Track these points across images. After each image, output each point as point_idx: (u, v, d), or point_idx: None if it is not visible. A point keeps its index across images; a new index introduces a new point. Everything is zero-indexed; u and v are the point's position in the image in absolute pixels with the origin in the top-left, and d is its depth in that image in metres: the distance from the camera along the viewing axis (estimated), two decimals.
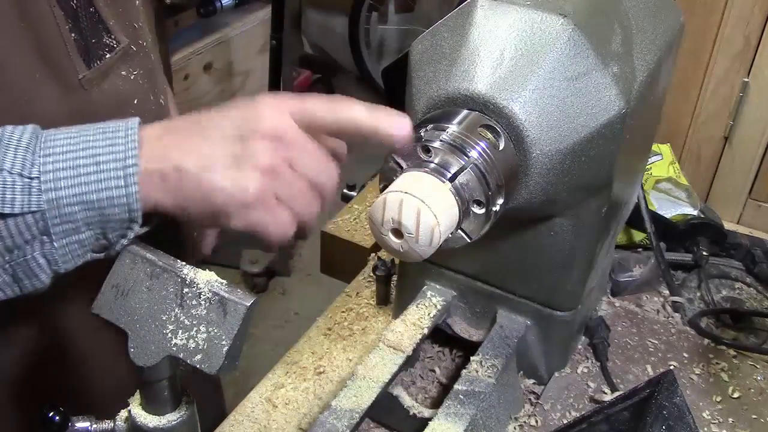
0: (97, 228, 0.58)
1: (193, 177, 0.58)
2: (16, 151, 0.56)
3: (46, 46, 0.70)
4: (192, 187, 0.58)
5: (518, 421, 0.87)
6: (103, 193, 0.57)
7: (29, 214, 0.56)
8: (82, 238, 0.58)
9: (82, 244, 0.59)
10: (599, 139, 0.69)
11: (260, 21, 2.69)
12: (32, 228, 0.56)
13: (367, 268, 1.10)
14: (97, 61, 0.76)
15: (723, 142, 1.54)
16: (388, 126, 0.61)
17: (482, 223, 0.66)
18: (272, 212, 0.60)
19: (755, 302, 1.08)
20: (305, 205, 0.61)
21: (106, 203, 0.57)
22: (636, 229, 1.13)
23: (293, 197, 0.61)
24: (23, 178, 0.55)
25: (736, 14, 1.43)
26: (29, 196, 0.55)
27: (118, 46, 0.78)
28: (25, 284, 0.59)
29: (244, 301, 0.56)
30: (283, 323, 2.63)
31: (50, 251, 0.57)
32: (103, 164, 0.57)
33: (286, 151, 0.59)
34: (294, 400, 0.89)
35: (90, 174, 0.56)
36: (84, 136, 0.58)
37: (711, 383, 0.93)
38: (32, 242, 0.57)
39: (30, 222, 0.56)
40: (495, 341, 0.87)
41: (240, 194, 0.58)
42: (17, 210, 0.55)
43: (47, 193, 0.56)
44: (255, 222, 0.60)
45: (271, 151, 0.59)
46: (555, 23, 0.68)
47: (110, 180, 0.57)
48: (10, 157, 0.55)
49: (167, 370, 0.59)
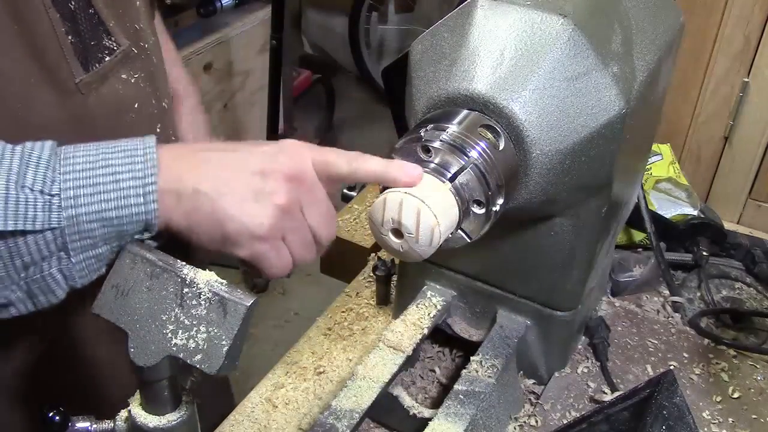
0: (114, 243, 0.59)
1: (210, 201, 0.59)
2: (37, 168, 0.56)
3: (41, 50, 0.69)
4: (207, 212, 0.59)
5: (518, 421, 0.87)
6: (123, 210, 0.57)
7: (48, 231, 0.56)
8: (99, 252, 0.59)
9: (99, 259, 0.59)
10: (599, 139, 0.69)
11: (260, 21, 2.68)
12: (50, 245, 0.56)
13: (367, 268, 1.10)
14: (96, 65, 0.74)
15: (723, 142, 1.54)
16: (402, 175, 0.64)
17: (482, 223, 0.66)
18: (278, 249, 0.62)
19: (755, 302, 1.08)
20: (304, 251, 0.64)
21: (125, 220, 0.58)
22: (636, 229, 1.13)
23: (296, 240, 0.63)
24: (44, 195, 0.55)
25: (736, 14, 1.43)
26: (50, 213, 0.55)
27: (118, 48, 0.77)
28: (40, 300, 0.59)
29: (244, 301, 0.56)
30: (283, 323, 2.63)
31: (67, 267, 0.58)
32: (123, 182, 0.57)
33: (302, 195, 0.62)
34: (294, 400, 0.89)
35: (110, 192, 0.57)
36: (103, 153, 0.58)
37: (711, 383, 0.93)
38: (49, 258, 0.57)
39: (49, 239, 0.56)
40: (495, 341, 0.87)
41: (254, 226, 0.60)
42: (38, 227, 0.55)
43: (67, 210, 0.56)
44: (260, 254, 0.62)
45: (290, 192, 0.61)
46: (555, 23, 0.68)
47: (130, 198, 0.57)
48: (31, 174, 0.55)
49: (167, 370, 0.59)
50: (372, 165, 0.64)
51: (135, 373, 0.59)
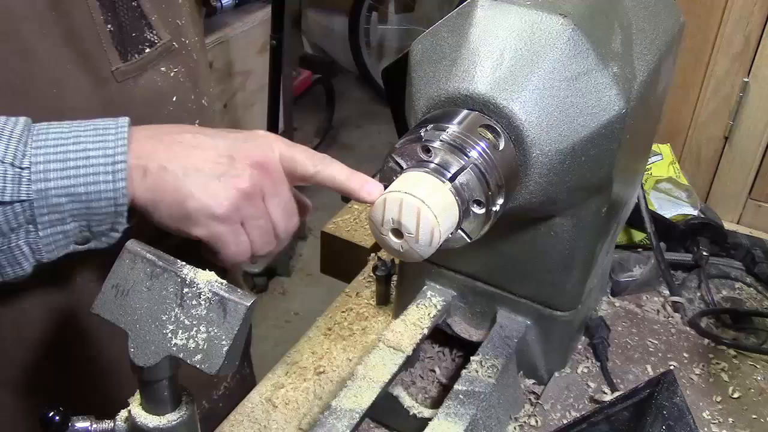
0: (83, 220, 0.60)
1: (174, 178, 0.61)
2: (9, 141, 0.57)
3: (79, 36, 0.70)
4: (170, 188, 0.61)
5: (518, 421, 0.87)
6: (91, 186, 0.59)
7: (18, 203, 0.57)
8: (67, 229, 0.60)
9: (66, 235, 0.61)
10: (599, 139, 0.69)
11: (260, 21, 2.68)
12: (19, 216, 0.58)
13: (367, 268, 1.10)
14: (136, 55, 0.75)
15: (723, 142, 1.54)
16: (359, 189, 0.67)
17: (482, 223, 0.66)
18: (235, 233, 0.64)
19: (755, 302, 1.08)
20: (262, 240, 0.66)
21: (93, 197, 0.59)
22: (636, 229, 1.13)
23: (255, 228, 0.65)
24: (14, 167, 0.57)
25: (736, 14, 1.43)
26: (19, 185, 0.57)
27: (159, 41, 0.78)
28: (7, 271, 0.61)
29: (244, 301, 0.56)
30: (283, 323, 2.63)
31: (35, 240, 0.59)
32: (93, 159, 0.59)
33: (265, 184, 0.64)
34: (294, 400, 0.89)
35: (79, 168, 0.58)
36: (75, 131, 0.60)
37: (711, 383, 0.93)
38: (18, 230, 0.58)
39: (18, 210, 0.57)
40: (495, 341, 0.87)
41: (214, 205, 0.62)
42: (7, 198, 0.57)
43: (36, 184, 0.57)
44: (218, 235, 0.63)
45: (253, 178, 0.63)
46: (555, 23, 0.68)
47: (98, 174, 0.59)
48: (2, 146, 0.57)
49: (167, 370, 0.58)
50: (335, 171, 0.66)
51: (135, 373, 0.59)
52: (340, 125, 3.78)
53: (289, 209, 0.67)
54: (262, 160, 0.64)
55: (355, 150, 3.62)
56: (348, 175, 0.67)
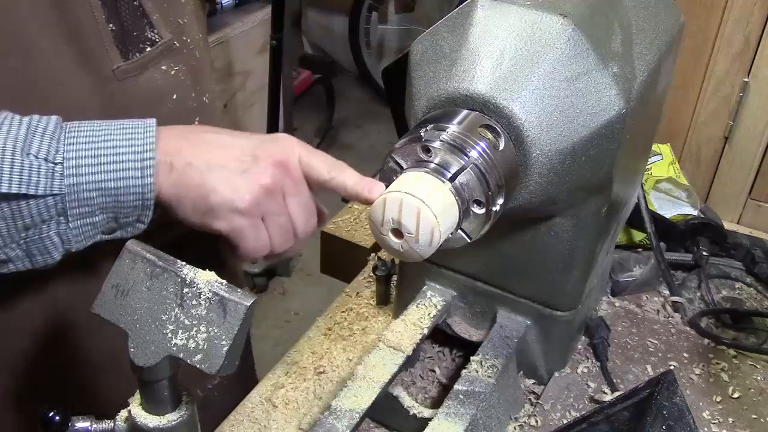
0: (111, 212, 0.63)
1: (199, 174, 0.63)
2: (42, 138, 0.60)
3: (80, 34, 0.71)
4: (195, 183, 0.63)
5: (518, 421, 0.87)
6: (121, 181, 0.61)
7: (50, 197, 0.60)
8: (96, 220, 0.63)
9: (95, 226, 0.63)
10: (599, 139, 0.69)
11: (260, 21, 2.68)
12: (51, 209, 0.60)
13: (367, 268, 1.10)
14: (137, 54, 0.77)
15: (723, 142, 1.54)
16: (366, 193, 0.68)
17: (482, 223, 0.66)
18: (255, 227, 0.66)
19: (755, 302, 1.08)
20: (281, 237, 0.68)
21: (122, 191, 0.62)
22: (636, 229, 1.13)
23: (274, 224, 0.67)
24: (48, 163, 0.59)
25: (736, 14, 1.43)
26: (52, 180, 0.59)
27: (160, 40, 0.79)
28: (38, 259, 0.63)
29: (244, 301, 0.56)
30: (283, 323, 2.63)
31: (65, 231, 0.62)
32: (123, 155, 0.61)
33: (286, 183, 0.66)
34: (294, 400, 0.89)
35: (110, 164, 0.61)
36: (105, 129, 0.62)
37: (711, 383, 0.93)
38: (49, 222, 0.61)
39: (50, 204, 0.60)
40: (495, 341, 0.87)
41: (236, 199, 0.64)
42: (40, 192, 0.59)
43: (69, 179, 0.60)
44: (238, 229, 0.65)
45: (275, 176, 0.65)
46: (555, 23, 0.68)
47: (128, 170, 0.61)
48: (36, 142, 0.59)
49: (167, 370, 0.58)
50: (347, 178, 0.68)
51: (135, 373, 0.59)
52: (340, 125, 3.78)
53: (308, 209, 0.68)
54: (284, 160, 0.66)
55: (355, 150, 3.62)
56: (357, 181, 0.68)
